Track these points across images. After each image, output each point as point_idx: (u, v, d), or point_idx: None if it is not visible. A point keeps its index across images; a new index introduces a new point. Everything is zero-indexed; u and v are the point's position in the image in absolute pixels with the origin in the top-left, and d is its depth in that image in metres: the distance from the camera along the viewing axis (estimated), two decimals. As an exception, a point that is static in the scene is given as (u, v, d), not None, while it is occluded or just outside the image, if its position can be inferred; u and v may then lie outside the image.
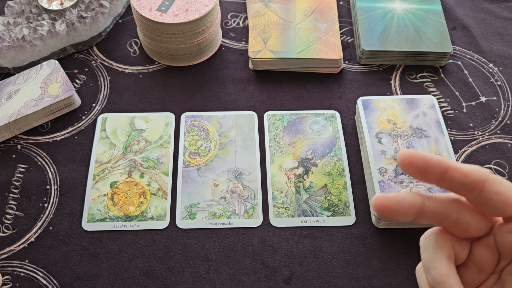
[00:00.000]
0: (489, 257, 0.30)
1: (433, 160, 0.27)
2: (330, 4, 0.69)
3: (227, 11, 0.72)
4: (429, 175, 0.28)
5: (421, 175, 0.28)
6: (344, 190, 0.55)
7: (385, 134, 0.55)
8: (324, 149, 0.58)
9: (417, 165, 0.27)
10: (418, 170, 0.28)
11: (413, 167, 0.28)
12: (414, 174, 0.28)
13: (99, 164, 0.57)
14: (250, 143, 0.58)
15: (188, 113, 0.61)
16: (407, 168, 0.28)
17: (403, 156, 0.27)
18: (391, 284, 0.49)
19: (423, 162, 0.27)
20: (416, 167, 0.28)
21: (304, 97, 0.63)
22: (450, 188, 0.28)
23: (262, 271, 0.50)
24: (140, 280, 0.49)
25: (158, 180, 0.55)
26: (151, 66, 0.66)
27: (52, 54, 0.65)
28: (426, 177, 0.28)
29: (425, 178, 0.28)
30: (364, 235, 0.52)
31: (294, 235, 0.52)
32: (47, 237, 0.52)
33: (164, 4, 0.61)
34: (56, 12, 0.65)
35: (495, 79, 0.65)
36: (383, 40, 0.65)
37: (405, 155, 0.27)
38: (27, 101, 0.58)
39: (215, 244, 0.52)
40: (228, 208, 0.54)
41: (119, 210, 0.53)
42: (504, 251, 0.29)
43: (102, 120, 0.60)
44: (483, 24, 0.71)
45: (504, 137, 0.60)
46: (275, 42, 0.64)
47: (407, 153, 0.27)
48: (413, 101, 0.58)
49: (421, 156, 0.27)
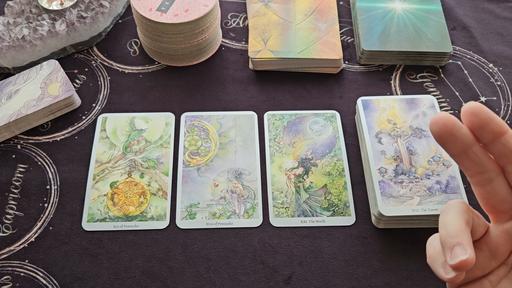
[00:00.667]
0: (504, 243, 0.30)
1: (496, 118, 0.28)
2: (330, 4, 0.69)
3: (227, 11, 0.72)
4: (487, 132, 0.28)
5: (480, 128, 0.28)
6: (344, 190, 0.55)
7: (385, 134, 0.55)
8: (324, 149, 0.58)
9: (482, 117, 0.28)
10: (480, 122, 0.28)
11: (477, 117, 0.28)
12: (474, 126, 0.28)
13: (99, 164, 0.57)
14: (250, 143, 0.59)
15: (188, 113, 0.61)
16: (470, 117, 0.28)
17: (471, 105, 0.28)
18: (391, 284, 0.49)
19: (487, 116, 0.28)
20: (479, 118, 0.28)
21: (304, 97, 0.63)
22: (498, 153, 0.28)
23: (262, 271, 0.50)
24: (140, 280, 0.49)
25: (158, 180, 0.55)
26: (151, 66, 0.66)
27: (52, 54, 0.65)
28: (483, 132, 0.28)
29: (481, 134, 0.28)
30: (364, 235, 0.52)
31: (294, 235, 0.52)
32: (47, 237, 0.52)
33: (164, 4, 0.61)
34: (56, 12, 0.65)
35: (495, 79, 0.65)
36: (383, 40, 0.65)
37: (473, 105, 0.28)
38: (27, 101, 0.58)
39: (215, 244, 0.52)
40: (228, 208, 0.54)
41: (119, 210, 0.53)
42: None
43: (102, 120, 0.60)
44: (483, 24, 0.71)
45: (504, 137, 0.60)
46: (275, 42, 0.64)
47: (475, 104, 0.28)
48: (413, 101, 0.58)
49: (487, 111, 0.28)
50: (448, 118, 0.28)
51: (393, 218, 0.50)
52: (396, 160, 0.53)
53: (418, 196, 0.50)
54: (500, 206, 0.30)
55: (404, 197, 0.50)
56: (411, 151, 0.54)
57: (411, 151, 0.54)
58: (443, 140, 0.28)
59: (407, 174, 0.52)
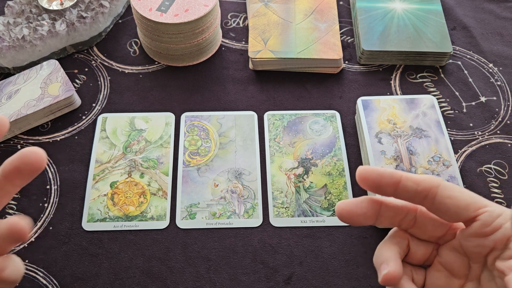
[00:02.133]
0: (457, 260, 0.31)
1: (385, 172, 0.29)
2: (330, 4, 0.69)
3: (227, 11, 0.72)
4: (384, 188, 0.29)
5: (377, 188, 0.29)
6: (344, 190, 0.55)
7: (385, 134, 0.55)
8: (324, 149, 0.58)
9: (372, 179, 0.29)
10: (374, 184, 0.29)
11: (368, 181, 0.29)
12: (371, 188, 0.30)
13: (99, 164, 0.57)
14: (250, 143, 0.59)
15: (188, 113, 0.61)
16: (363, 183, 0.30)
17: (359, 172, 0.29)
18: (391, 284, 0.49)
19: (376, 175, 0.29)
20: (371, 181, 0.29)
21: (304, 97, 0.63)
22: (406, 198, 0.30)
23: (262, 271, 0.50)
24: (140, 280, 0.49)
25: (158, 180, 0.55)
26: (151, 66, 0.66)
27: (52, 54, 0.65)
28: (382, 190, 0.30)
29: (381, 191, 0.30)
30: (364, 235, 0.52)
31: (294, 235, 0.52)
32: (47, 237, 0.52)
33: (164, 4, 0.61)
34: (56, 12, 0.65)
35: (495, 79, 0.65)
36: (383, 40, 0.65)
37: (361, 170, 0.29)
38: (27, 101, 0.58)
39: (215, 244, 0.52)
40: (228, 208, 0.54)
41: (119, 210, 0.53)
42: (471, 254, 0.30)
43: (102, 120, 0.60)
44: (483, 24, 0.71)
45: (504, 137, 0.60)
46: (275, 42, 0.64)
47: (362, 169, 0.29)
48: (413, 101, 0.58)
49: (374, 170, 0.29)
50: (348, 212, 0.30)
51: (393, 218, 0.50)
52: (396, 160, 0.53)
53: (418, 196, 0.50)
54: (435, 233, 0.31)
55: (404, 197, 0.50)
56: (411, 151, 0.54)
57: (411, 151, 0.54)
58: (350, 221, 0.30)
59: (407, 174, 0.52)
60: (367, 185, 0.29)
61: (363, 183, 0.29)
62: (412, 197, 0.29)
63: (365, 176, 0.29)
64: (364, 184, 0.29)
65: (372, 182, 0.29)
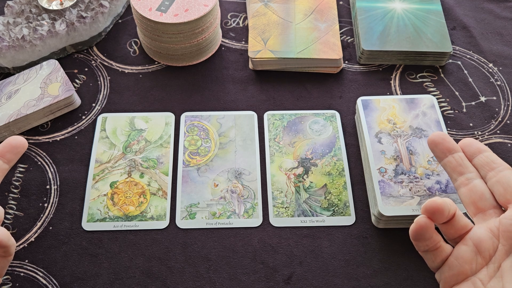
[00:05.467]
0: (487, 240, 0.34)
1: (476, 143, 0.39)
2: (330, 4, 0.69)
3: (227, 11, 0.72)
4: (472, 149, 0.39)
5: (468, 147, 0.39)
6: (344, 190, 0.55)
7: (385, 134, 0.55)
8: (324, 149, 0.58)
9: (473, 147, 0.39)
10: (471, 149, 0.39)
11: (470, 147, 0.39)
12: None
13: (99, 164, 0.57)
14: (250, 143, 0.59)
15: (188, 113, 0.61)
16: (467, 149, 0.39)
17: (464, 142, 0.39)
18: (391, 284, 0.49)
19: (477, 147, 0.39)
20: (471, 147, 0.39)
21: (304, 97, 0.63)
22: (481, 164, 0.38)
23: (262, 271, 0.50)
24: (140, 280, 0.49)
25: (158, 180, 0.55)
26: (151, 66, 0.66)
27: (52, 54, 0.65)
28: (470, 150, 0.39)
29: (468, 151, 0.39)
30: (364, 235, 0.52)
31: (294, 235, 0.52)
32: (47, 237, 0.52)
33: (164, 4, 0.61)
34: (56, 12, 0.65)
35: (495, 79, 0.65)
36: (383, 40, 0.65)
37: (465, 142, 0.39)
38: (27, 101, 0.58)
39: (215, 244, 0.52)
40: (228, 208, 0.54)
41: (119, 210, 0.53)
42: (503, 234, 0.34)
43: (102, 120, 0.60)
44: (483, 24, 0.71)
45: (504, 137, 0.60)
46: (275, 42, 0.64)
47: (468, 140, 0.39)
48: (413, 101, 0.58)
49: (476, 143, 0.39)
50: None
51: (393, 218, 0.50)
52: (396, 160, 0.53)
53: (418, 196, 0.50)
54: (480, 203, 0.36)
55: (404, 197, 0.50)
56: (411, 151, 0.54)
57: (411, 151, 0.54)
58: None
59: (407, 174, 0.52)
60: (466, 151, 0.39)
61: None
62: (486, 164, 0.38)
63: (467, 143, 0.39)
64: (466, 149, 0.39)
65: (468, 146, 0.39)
